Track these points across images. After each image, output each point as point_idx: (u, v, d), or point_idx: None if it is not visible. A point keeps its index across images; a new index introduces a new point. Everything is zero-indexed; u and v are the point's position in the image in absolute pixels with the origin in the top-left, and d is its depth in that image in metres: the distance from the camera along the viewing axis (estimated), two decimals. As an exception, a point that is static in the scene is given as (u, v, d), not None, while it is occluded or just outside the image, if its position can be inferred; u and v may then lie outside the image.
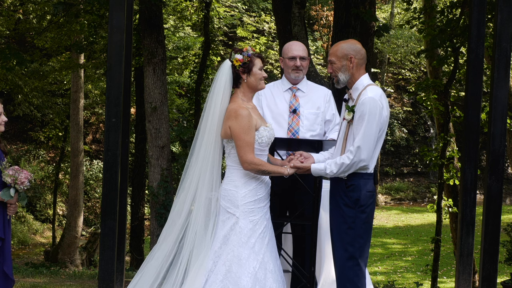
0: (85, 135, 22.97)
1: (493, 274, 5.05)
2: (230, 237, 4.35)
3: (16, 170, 4.84)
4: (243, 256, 4.30)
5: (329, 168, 4.28)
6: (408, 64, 28.89)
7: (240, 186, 4.41)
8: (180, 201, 4.53)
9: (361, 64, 4.38)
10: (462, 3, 11.06)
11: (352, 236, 4.25)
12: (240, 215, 4.37)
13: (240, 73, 4.47)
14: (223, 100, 4.47)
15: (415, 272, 16.72)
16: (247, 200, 4.39)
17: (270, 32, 23.27)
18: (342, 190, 4.29)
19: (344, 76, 4.38)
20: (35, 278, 9.86)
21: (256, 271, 4.29)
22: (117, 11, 5.27)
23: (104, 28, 12.34)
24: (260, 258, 4.33)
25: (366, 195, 4.27)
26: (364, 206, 4.25)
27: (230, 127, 4.38)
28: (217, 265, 4.32)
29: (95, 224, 21.88)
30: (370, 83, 4.37)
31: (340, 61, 4.37)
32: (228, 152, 4.46)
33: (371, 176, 4.31)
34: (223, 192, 4.45)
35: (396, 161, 29.25)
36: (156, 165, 10.35)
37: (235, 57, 4.48)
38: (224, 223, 4.39)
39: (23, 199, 4.94)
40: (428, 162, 13.15)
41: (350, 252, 4.25)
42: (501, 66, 5.07)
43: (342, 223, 4.27)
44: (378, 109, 4.21)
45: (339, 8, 8.89)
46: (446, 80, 12.61)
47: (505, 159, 6.56)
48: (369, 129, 4.18)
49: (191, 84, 16.12)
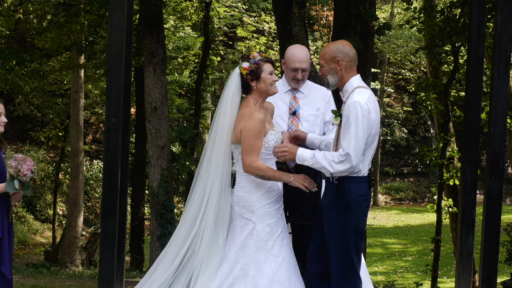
0: (85, 135, 22.97)
1: (493, 274, 5.05)
2: (247, 242, 4.34)
3: (19, 160, 4.78)
4: (260, 259, 4.30)
5: (317, 159, 4.20)
6: (408, 64, 28.89)
7: (252, 191, 4.39)
8: (193, 209, 4.52)
9: (351, 66, 4.33)
10: (462, 3, 11.07)
11: (344, 239, 4.21)
12: (256, 219, 4.35)
13: (248, 81, 4.45)
14: (232, 108, 4.45)
15: (415, 272, 16.72)
16: (261, 204, 4.38)
17: (270, 32, 23.26)
18: (333, 194, 4.25)
19: (333, 79, 4.35)
20: (35, 278, 9.86)
21: (275, 273, 4.28)
22: (117, 11, 5.27)
23: (104, 28, 12.34)
24: (280, 260, 4.32)
25: (358, 199, 4.20)
26: (355, 211, 4.20)
27: (241, 130, 4.34)
28: (234, 270, 4.31)
29: (95, 224, 21.89)
30: (359, 85, 4.31)
31: (328, 64, 4.34)
32: (237, 158, 4.44)
33: (364, 180, 4.24)
34: (237, 198, 4.44)
35: (396, 161, 29.25)
36: (156, 165, 10.34)
37: (242, 66, 4.45)
38: (242, 228, 4.38)
39: (27, 188, 4.93)
40: (428, 162, 13.16)
41: (345, 256, 4.22)
42: (501, 66, 5.07)
43: (335, 226, 4.24)
44: (364, 112, 4.14)
45: (339, 8, 8.88)
46: (446, 80, 12.62)
47: (505, 159, 6.56)
48: (355, 134, 4.12)
49: (191, 84, 16.12)
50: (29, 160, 4.82)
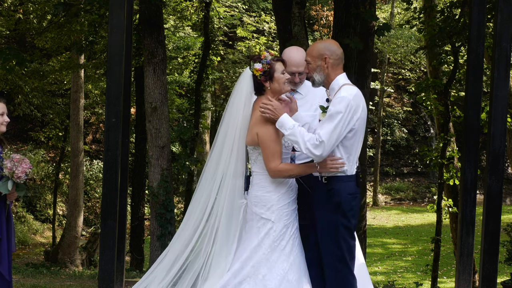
0: (85, 135, 22.98)
1: (493, 274, 5.05)
2: (264, 241, 4.33)
3: (16, 161, 4.76)
4: (273, 259, 4.30)
5: (295, 133, 4.22)
6: (408, 64, 28.88)
7: (272, 191, 4.38)
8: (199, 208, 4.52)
9: (337, 64, 4.38)
10: (462, 3, 11.07)
11: (336, 238, 4.24)
12: (275, 219, 4.34)
13: (262, 82, 4.43)
14: (245, 110, 4.44)
15: (415, 272, 16.72)
16: (282, 203, 4.37)
17: (270, 32, 23.26)
18: (323, 194, 4.29)
19: (320, 77, 4.39)
20: (35, 278, 9.86)
21: (286, 273, 4.28)
22: (117, 11, 5.27)
23: (104, 28, 12.34)
24: (291, 260, 4.32)
25: (348, 198, 4.26)
26: (346, 210, 4.25)
27: (257, 134, 4.34)
28: (245, 268, 4.31)
29: (95, 224, 21.89)
30: (346, 82, 4.36)
31: (315, 61, 4.39)
32: (255, 159, 4.42)
33: (352, 178, 4.30)
34: (255, 199, 4.40)
35: (396, 161, 29.25)
36: (156, 165, 10.34)
37: (254, 67, 4.42)
38: (260, 229, 4.36)
39: (21, 190, 4.90)
40: (428, 162, 13.16)
41: (337, 254, 4.25)
42: (501, 66, 5.07)
43: (326, 226, 4.27)
44: (349, 109, 4.18)
45: (339, 8, 8.88)
46: (446, 80, 12.62)
47: (505, 159, 6.56)
48: (334, 128, 4.16)
49: (191, 84, 16.11)
50: (26, 163, 4.79)
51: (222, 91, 26.05)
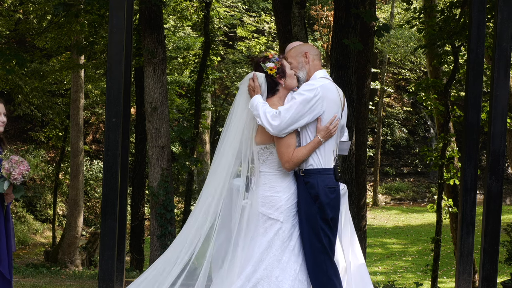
0: (85, 135, 22.99)
1: (493, 274, 5.05)
2: (274, 242, 4.32)
3: (13, 163, 4.73)
4: (284, 259, 4.30)
5: (259, 107, 4.29)
6: (408, 64, 28.88)
7: (282, 191, 4.37)
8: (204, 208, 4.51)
9: (317, 59, 4.50)
10: (462, 3, 11.07)
11: (314, 229, 4.29)
12: (284, 219, 4.34)
13: (277, 80, 4.42)
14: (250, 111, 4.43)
15: (415, 272, 16.72)
16: (290, 204, 4.37)
17: (270, 32, 23.28)
18: (303, 187, 4.35)
19: (302, 73, 4.47)
20: (35, 278, 9.86)
21: (297, 273, 4.29)
22: (117, 11, 5.27)
23: (104, 28, 12.34)
24: (301, 261, 4.34)
25: (325, 191, 4.30)
26: (324, 202, 4.29)
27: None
28: (258, 270, 4.29)
29: (95, 224, 21.90)
30: (323, 76, 4.45)
31: (296, 59, 4.48)
32: (265, 159, 4.40)
33: (330, 171, 4.35)
34: (263, 199, 4.38)
35: (396, 161, 29.25)
36: (156, 165, 10.35)
37: (268, 67, 4.41)
38: (267, 229, 4.35)
39: (18, 192, 4.88)
40: (428, 162, 13.17)
41: (316, 246, 4.29)
42: (501, 66, 5.07)
43: (305, 218, 4.33)
44: (313, 93, 4.26)
45: (339, 8, 8.88)
46: (446, 80, 12.63)
47: (505, 159, 6.56)
48: (294, 108, 4.22)
49: (191, 84, 16.10)
50: (24, 165, 4.77)
51: (222, 91, 26.06)
